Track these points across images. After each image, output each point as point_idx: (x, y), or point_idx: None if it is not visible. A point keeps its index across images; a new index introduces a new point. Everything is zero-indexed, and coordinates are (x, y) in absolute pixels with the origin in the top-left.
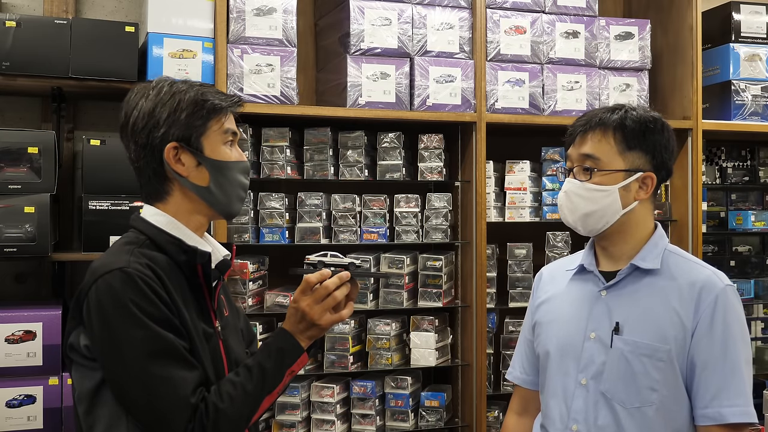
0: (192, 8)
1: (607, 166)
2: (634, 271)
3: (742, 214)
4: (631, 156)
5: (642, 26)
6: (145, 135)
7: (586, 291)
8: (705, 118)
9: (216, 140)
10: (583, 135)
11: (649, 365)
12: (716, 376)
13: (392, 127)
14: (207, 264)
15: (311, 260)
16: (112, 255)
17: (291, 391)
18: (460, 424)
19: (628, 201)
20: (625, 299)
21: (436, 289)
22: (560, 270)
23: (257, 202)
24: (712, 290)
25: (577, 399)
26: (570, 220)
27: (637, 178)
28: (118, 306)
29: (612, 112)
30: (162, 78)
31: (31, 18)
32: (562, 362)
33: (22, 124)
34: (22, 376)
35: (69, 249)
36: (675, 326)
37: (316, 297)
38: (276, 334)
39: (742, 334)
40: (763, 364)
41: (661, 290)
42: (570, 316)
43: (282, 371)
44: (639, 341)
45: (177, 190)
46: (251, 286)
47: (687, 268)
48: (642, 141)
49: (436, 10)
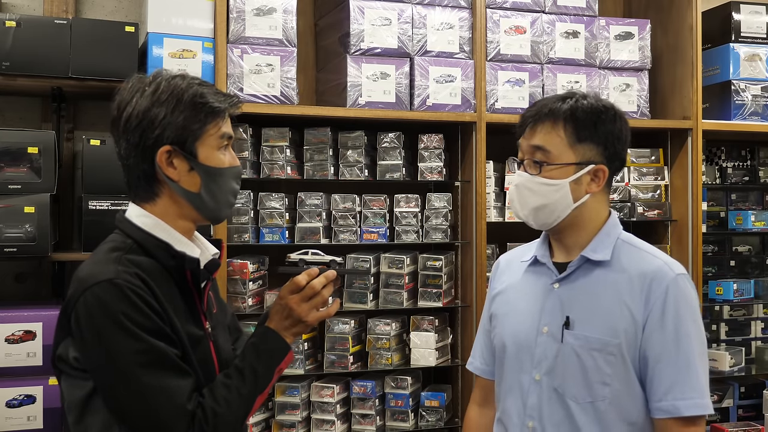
0: (192, 8)
1: (557, 160)
2: (585, 263)
3: (742, 214)
4: (581, 148)
5: (642, 26)
6: (137, 134)
7: (539, 283)
8: (705, 118)
9: (211, 145)
10: (533, 125)
11: (600, 360)
12: (669, 369)
13: (392, 127)
14: (196, 268)
15: (292, 258)
16: (98, 264)
17: (291, 391)
18: (460, 424)
19: (579, 194)
20: (576, 292)
21: (436, 289)
22: (516, 260)
23: (257, 202)
24: (663, 281)
25: (532, 395)
26: (521, 215)
27: (588, 171)
28: (109, 319)
29: (562, 101)
30: (159, 72)
31: (31, 18)
32: (517, 357)
33: (22, 124)
34: (22, 376)
35: (69, 249)
36: (625, 320)
37: (303, 295)
38: (262, 333)
39: (695, 324)
40: (763, 364)
41: (612, 283)
42: (524, 309)
43: (272, 371)
44: (589, 336)
45: (166, 193)
46: (251, 286)
47: (638, 258)
48: (593, 132)
49: (436, 10)
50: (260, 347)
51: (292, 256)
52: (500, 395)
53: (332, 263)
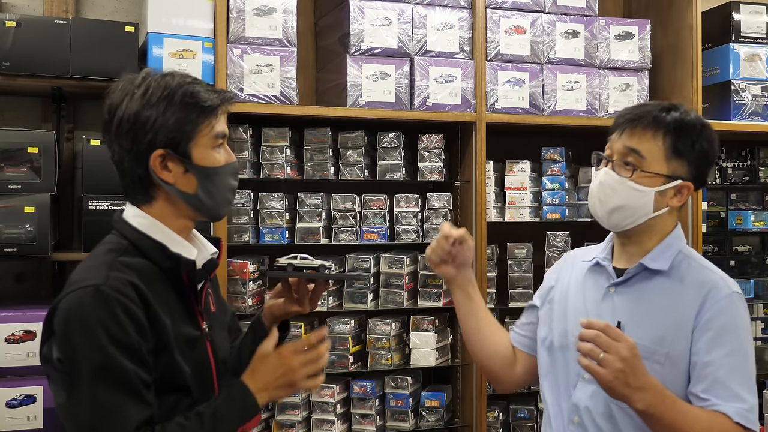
0: (192, 8)
1: (650, 168)
2: (643, 270)
3: (742, 214)
4: (675, 162)
5: (642, 26)
6: (130, 139)
7: (597, 286)
8: (705, 118)
9: (205, 145)
10: (633, 128)
11: (646, 367)
12: (714, 381)
13: (392, 127)
14: (192, 269)
15: (281, 263)
16: (90, 268)
17: None
18: (460, 424)
19: (660, 205)
20: (630, 298)
21: (436, 289)
22: (579, 258)
23: (257, 202)
24: (718, 295)
25: (579, 390)
26: (598, 212)
27: (675, 186)
28: (83, 325)
29: (667, 112)
30: (148, 72)
31: (31, 18)
32: (566, 355)
33: (22, 124)
34: (22, 376)
35: (69, 249)
36: (676, 330)
37: (309, 357)
38: (238, 387)
39: (745, 341)
40: (764, 364)
41: (667, 292)
42: (579, 309)
43: (234, 427)
44: (638, 343)
45: (162, 195)
46: (251, 286)
47: (696, 271)
48: (690, 149)
49: (436, 10)
50: (231, 400)
51: (281, 261)
52: (545, 389)
53: (321, 268)
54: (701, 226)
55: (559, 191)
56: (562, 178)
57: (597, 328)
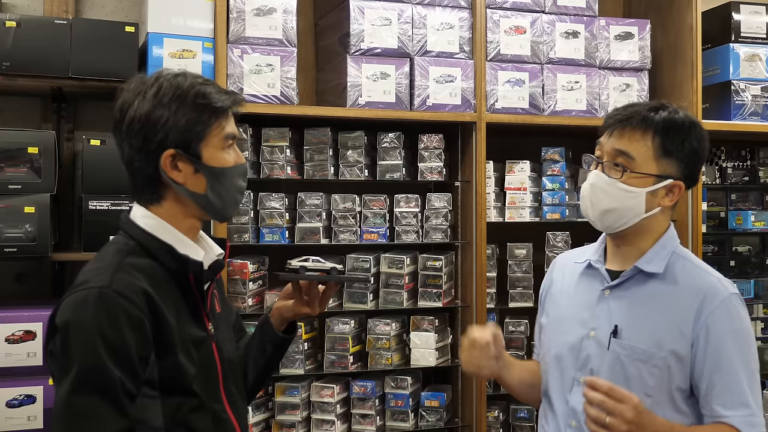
0: (192, 8)
1: (640, 168)
2: (638, 273)
3: (742, 214)
4: (665, 162)
5: (642, 26)
6: (140, 138)
7: (592, 288)
8: (705, 118)
9: (215, 146)
10: (622, 129)
11: (644, 371)
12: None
13: (392, 127)
14: (199, 271)
15: (293, 265)
16: (98, 270)
17: (291, 391)
18: (460, 424)
19: (652, 206)
20: (626, 301)
21: (436, 289)
22: (571, 261)
23: (257, 202)
24: (715, 298)
25: (575, 395)
26: (590, 214)
27: (666, 185)
28: (81, 326)
29: (656, 112)
30: (160, 73)
31: (31, 18)
32: (563, 358)
33: (22, 124)
34: (22, 376)
35: (69, 249)
36: (673, 334)
37: None
38: None
39: (747, 343)
40: (764, 364)
41: (663, 296)
42: (574, 313)
43: None
44: (635, 346)
45: (171, 195)
46: (251, 286)
47: (692, 273)
48: (680, 148)
49: (436, 10)
50: None
51: (293, 263)
52: (545, 392)
53: (333, 270)
54: (701, 226)
55: (559, 191)
56: (562, 178)
57: (601, 390)
